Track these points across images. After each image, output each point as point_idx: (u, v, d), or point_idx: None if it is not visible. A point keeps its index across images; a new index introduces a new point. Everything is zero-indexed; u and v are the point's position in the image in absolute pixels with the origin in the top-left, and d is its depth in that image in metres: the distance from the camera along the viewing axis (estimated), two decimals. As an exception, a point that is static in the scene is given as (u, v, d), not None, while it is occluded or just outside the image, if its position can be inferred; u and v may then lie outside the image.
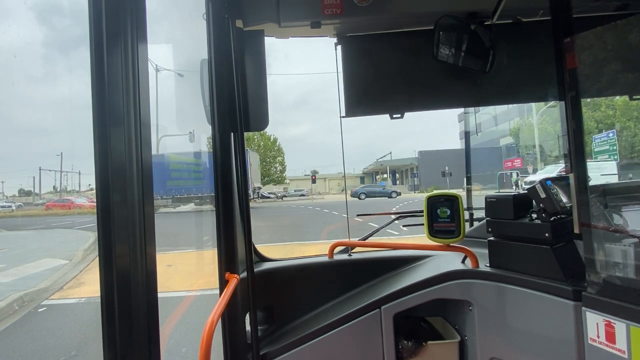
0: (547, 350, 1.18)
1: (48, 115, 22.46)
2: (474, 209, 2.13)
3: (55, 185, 10.88)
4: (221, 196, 1.42)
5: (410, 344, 1.51)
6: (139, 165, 0.81)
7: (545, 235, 1.23)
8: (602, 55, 1.43)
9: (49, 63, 26.42)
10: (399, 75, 1.63)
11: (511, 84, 1.60)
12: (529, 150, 24.19)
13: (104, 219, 0.77)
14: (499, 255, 1.39)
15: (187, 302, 5.06)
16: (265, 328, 1.66)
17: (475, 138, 2.72)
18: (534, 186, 1.29)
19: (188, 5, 1.99)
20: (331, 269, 1.75)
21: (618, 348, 0.97)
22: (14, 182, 16.95)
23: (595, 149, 9.69)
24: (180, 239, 9.79)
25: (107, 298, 0.78)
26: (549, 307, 1.17)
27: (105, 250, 0.78)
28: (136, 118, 0.81)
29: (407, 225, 2.14)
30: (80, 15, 0.86)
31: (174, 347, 3.54)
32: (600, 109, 14.98)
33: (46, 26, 26.82)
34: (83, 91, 0.84)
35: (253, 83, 1.48)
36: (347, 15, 1.50)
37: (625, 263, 1.04)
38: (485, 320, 1.37)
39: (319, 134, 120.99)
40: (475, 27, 1.47)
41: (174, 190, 18.18)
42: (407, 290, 1.47)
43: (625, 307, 0.96)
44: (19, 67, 11.66)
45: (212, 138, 1.43)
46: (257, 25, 1.52)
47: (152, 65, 3.67)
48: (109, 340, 0.78)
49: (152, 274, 0.84)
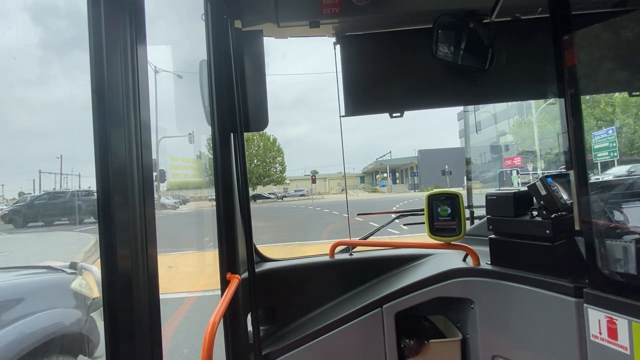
0: (549, 347, 1.18)
1: (47, 117, 22.29)
2: (475, 207, 2.13)
3: (55, 188, 10.90)
4: (222, 197, 1.42)
5: (412, 343, 1.51)
6: (139, 167, 0.81)
7: (546, 232, 1.23)
8: (601, 52, 1.43)
9: (47, 65, 26.14)
10: (398, 74, 1.63)
11: (510, 82, 1.60)
12: (528, 148, 24.19)
13: (105, 220, 0.77)
14: (500, 252, 1.39)
15: (189, 303, 5.06)
16: (267, 328, 1.66)
17: (475, 136, 2.73)
18: (534, 183, 1.30)
19: (187, 6, 1.99)
20: (332, 269, 1.75)
21: (620, 344, 0.97)
22: (14, 185, 17.07)
23: (594, 146, 9.69)
24: (180, 239, 9.80)
25: (109, 299, 0.78)
26: (550, 304, 1.17)
27: (106, 252, 0.78)
28: (136, 119, 0.81)
29: (407, 224, 2.14)
30: (80, 17, 0.85)
31: (176, 348, 3.54)
32: (599, 106, 14.98)
33: (46, 27, 26.63)
34: (83, 93, 0.84)
35: (252, 83, 1.48)
36: (346, 14, 1.50)
37: (626, 259, 1.04)
38: (487, 318, 1.37)
39: (319, 133, 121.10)
40: (474, 25, 1.47)
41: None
42: (409, 289, 1.47)
43: (626, 303, 0.96)
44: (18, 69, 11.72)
45: (212, 139, 1.43)
46: (256, 26, 1.52)
47: (151, 67, 3.67)
48: (111, 341, 0.78)
49: (154, 275, 0.84)
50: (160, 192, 15.64)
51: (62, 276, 2.40)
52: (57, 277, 2.42)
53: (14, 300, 1.97)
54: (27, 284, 2.23)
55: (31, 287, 2.19)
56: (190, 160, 8.38)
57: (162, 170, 7.23)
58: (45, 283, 2.34)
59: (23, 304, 1.98)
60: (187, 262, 7.68)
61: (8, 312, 1.89)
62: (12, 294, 2.03)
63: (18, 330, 1.82)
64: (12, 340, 1.76)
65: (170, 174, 7.87)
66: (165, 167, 7.40)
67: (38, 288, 2.22)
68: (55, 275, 2.46)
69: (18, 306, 1.95)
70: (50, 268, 2.58)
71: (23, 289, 2.13)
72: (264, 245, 8.73)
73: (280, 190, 42.23)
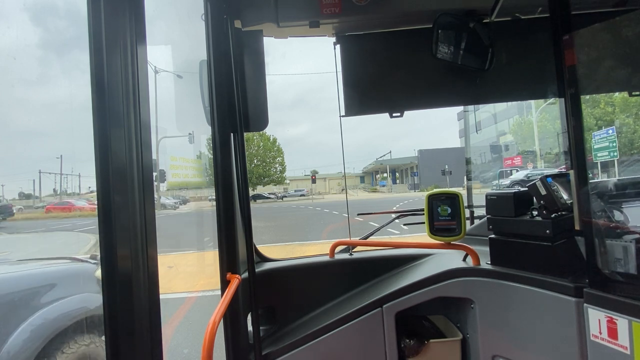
0: (549, 347, 1.18)
1: (47, 117, 22.32)
2: (475, 206, 2.13)
3: (55, 188, 10.96)
4: (222, 197, 1.42)
5: (412, 343, 1.51)
6: (139, 167, 0.81)
7: (546, 232, 1.23)
8: (601, 52, 1.43)
9: (47, 65, 26.12)
10: (398, 74, 1.63)
11: (510, 82, 1.60)
12: (528, 147, 24.17)
13: (105, 221, 0.77)
14: (500, 252, 1.39)
15: (189, 303, 5.06)
16: (267, 328, 1.66)
17: (474, 136, 2.73)
18: (534, 183, 1.30)
19: (186, 6, 1.99)
20: (332, 269, 1.75)
21: (620, 344, 0.97)
22: (14, 185, 17.14)
23: (594, 146, 9.68)
24: (181, 239, 9.79)
25: (109, 299, 0.78)
26: (550, 304, 1.17)
27: (106, 252, 0.78)
28: (136, 120, 0.81)
29: (407, 224, 2.14)
30: (80, 17, 0.85)
31: (176, 348, 3.54)
32: (599, 105, 14.97)
33: (46, 27, 26.65)
34: (83, 93, 0.84)
35: (252, 83, 1.48)
36: (346, 14, 1.50)
37: (626, 259, 1.04)
38: (487, 317, 1.37)
39: (319, 133, 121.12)
40: (474, 25, 1.47)
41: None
42: (409, 289, 1.47)
43: (627, 303, 0.96)
44: (18, 69, 11.73)
45: (212, 139, 1.43)
46: (256, 26, 1.52)
47: (151, 67, 3.67)
48: (111, 341, 0.78)
49: (154, 275, 0.84)
50: (160, 192, 15.64)
51: (87, 265, 2.74)
52: (83, 266, 2.76)
53: (49, 286, 2.34)
54: (57, 272, 2.56)
55: (61, 274, 2.53)
56: (190, 160, 8.37)
57: (162, 170, 7.23)
58: (73, 271, 2.68)
59: (56, 288, 2.35)
60: (187, 262, 7.68)
61: (45, 296, 2.27)
62: (46, 280, 2.39)
63: (55, 310, 2.25)
64: (52, 319, 2.19)
65: (170, 174, 7.87)
66: (165, 167, 7.40)
67: (67, 275, 2.56)
68: (80, 265, 2.80)
69: (52, 291, 2.32)
70: (74, 259, 2.94)
71: (55, 276, 2.48)
72: (264, 245, 8.73)
73: (280, 190, 42.23)
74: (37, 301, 2.20)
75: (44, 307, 2.19)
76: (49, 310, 2.21)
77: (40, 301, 2.22)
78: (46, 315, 2.17)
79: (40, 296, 2.24)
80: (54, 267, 2.70)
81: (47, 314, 2.19)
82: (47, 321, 2.17)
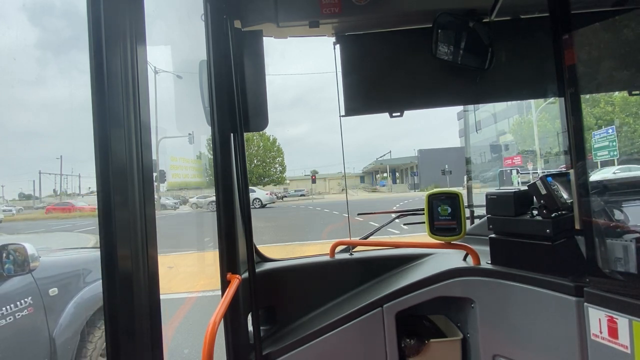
0: (549, 346, 1.18)
1: (47, 118, 22.36)
2: (475, 206, 2.13)
3: (55, 189, 10.97)
4: (222, 197, 1.42)
5: (412, 342, 1.51)
6: (139, 167, 0.81)
7: (546, 232, 1.23)
8: (601, 51, 1.43)
9: (47, 65, 26.17)
10: (398, 74, 1.63)
11: (510, 81, 1.60)
12: (528, 147, 24.16)
13: (105, 221, 0.78)
14: (500, 252, 1.39)
15: (189, 303, 5.06)
16: (268, 328, 1.66)
17: (474, 136, 2.72)
18: (534, 182, 1.30)
19: (186, 6, 1.99)
20: (332, 269, 1.75)
21: (621, 343, 0.97)
22: (14, 186, 17.13)
23: (594, 145, 9.68)
24: (181, 240, 9.79)
25: (109, 300, 0.78)
26: (550, 303, 1.17)
27: (107, 252, 0.78)
28: (136, 120, 0.81)
29: (408, 224, 2.14)
30: (80, 17, 0.85)
31: (177, 349, 3.54)
32: (599, 105, 14.96)
33: (46, 28, 26.72)
34: (83, 93, 0.84)
35: (252, 83, 1.48)
36: (346, 14, 1.50)
37: (627, 258, 1.04)
38: (488, 317, 1.37)
39: (319, 133, 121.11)
40: (474, 25, 1.47)
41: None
42: (409, 289, 1.47)
43: (627, 302, 0.96)
44: (18, 69, 11.64)
45: (212, 139, 1.43)
46: (256, 26, 1.52)
47: (151, 67, 3.67)
48: (111, 341, 0.78)
49: (154, 276, 0.84)
50: (161, 193, 15.64)
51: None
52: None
53: (87, 270, 2.80)
54: (90, 259, 2.97)
55: (94, 260, 2.92)
56: (190, 160, 8.37)
57: (162, 170, 7.23)
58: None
59: (92, 273, 2.79)
60: (188, 263, 7.68)
61: (87, 276, 2.76)
62: (83, 264, 2.85)
63: (95, 288, 2.71)
64: (93, 296, 2.67)
65: (171, 174, 7.86)
66: (165, 167, 7.40)
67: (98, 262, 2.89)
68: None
69: (90, 274, 2.78)
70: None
71: (92, 260, 2.92)
72: (264, 245, 8.72)
73: (280, 191, 42.22)
74: (81, 281, 2.70)
75: (87, 286, 2.70)
76: (91, 288, 2.70)
77: (85, 280, 2.73)
78: (89, 293, 2.67)
79: (84, 277, 2.74)
80: (87, 255, 3.14)
81: (90, 292, 2.68)
82: (90, 297, 2.66)
